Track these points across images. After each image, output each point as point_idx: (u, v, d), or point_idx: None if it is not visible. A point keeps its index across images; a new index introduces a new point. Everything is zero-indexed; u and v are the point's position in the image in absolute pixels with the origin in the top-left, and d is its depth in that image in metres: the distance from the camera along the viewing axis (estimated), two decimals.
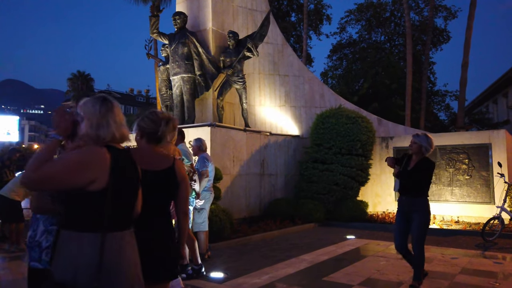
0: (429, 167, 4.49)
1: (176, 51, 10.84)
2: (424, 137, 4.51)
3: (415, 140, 4.52)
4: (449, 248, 7.50)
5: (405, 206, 4.58)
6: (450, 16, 29.91)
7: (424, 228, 4.50)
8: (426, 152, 4.50)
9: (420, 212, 4.51)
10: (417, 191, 4.51)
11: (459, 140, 10.95)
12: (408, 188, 4.56)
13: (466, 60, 19.88)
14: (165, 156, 2.53)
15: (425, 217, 4.53)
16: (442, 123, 30.97)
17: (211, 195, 6.52)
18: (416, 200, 4.53)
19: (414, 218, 4.51)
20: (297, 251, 7.10)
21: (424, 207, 4.52)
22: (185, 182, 2.54)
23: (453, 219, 10.60)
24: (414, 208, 4.52)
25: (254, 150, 10.98)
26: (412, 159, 4.61)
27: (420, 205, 4.52)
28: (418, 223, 4.48)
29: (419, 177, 4.47)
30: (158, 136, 2.50)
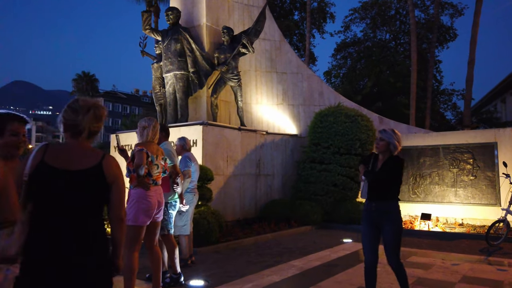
0: (398, 166, 3.88)
1: (169, 48, 10.50)
2: (391, 133, 3.93)
3: (381, 137, 3.93)
4: (450, 253, 7.07)
5: (374, 214, 3.91)
6: (457, 14, 29.28)
7: (398, 237, 3.91)
8: (394, 150, 3.89)
9: (392, 219, 3.88)
10: (386, 195, 3.89)
11: (463, 139, 10.49)
12: (376, 192, 3.92)
13: (472, 58, 19.37)
14: (92, 153, 2.13)
15: (397, 225, 3.92)
16: (448, 122, 30.38)
17: (194, 197, 6.16)
18: (386, 205, 3.89)
19: (385, 227, 3.87)
20: (288, 256, 6.71)
21: (395, 212, 3.92)
22: (118, 183, 2.14)
23: (457, 222, 10.14)
24: (385, 215, 3.88)
25: (249, 149, 10.60)
26: (379, 159, 3.99)
27: (391, 211, 3.90)
28: (391, 232, 3.86)
29: (388, 178, 3.86)
30: (79, 128, 2.11)
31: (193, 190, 6.14)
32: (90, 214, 2.06)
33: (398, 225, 3.90)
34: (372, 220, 3.94)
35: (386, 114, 19.46)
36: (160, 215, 4.41)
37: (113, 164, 2.15)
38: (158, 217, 4.38)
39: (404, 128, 12.15)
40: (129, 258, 4.14)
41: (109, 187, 2.11)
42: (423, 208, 10.57)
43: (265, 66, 12.40)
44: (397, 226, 3.89)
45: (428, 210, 10.42)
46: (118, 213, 2.16)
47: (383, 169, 3.89)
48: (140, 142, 4.48)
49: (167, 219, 4.96)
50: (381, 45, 31.62)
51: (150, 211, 4.20)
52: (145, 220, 4.16)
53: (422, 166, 10.96)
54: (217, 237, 7.39)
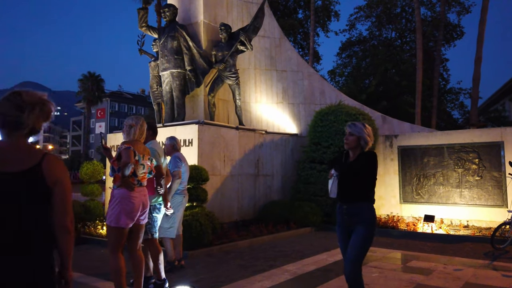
0: (371, 162, 3.43)
1: (165, 45, 10.29)
2: (361, 127, 3.52)
3: (350, 131, 3.51)
4: (454, 257, 6.75)
5: (345, 217, 3.51)
6: (464, 11, 28.81)
7: (364, 244, 3.39)
8: (365, 146, 3.50)
9: (363, 223, 3.42)
10: (358, 195, 3.45)
11: (468, 138, 10.14)
12: (346, 193, 3.50)
13: (479, 55, 18.95)
14: (30, 152, 1.87)
15: (368, 230, 3.42)
16: (455, 121, 29.90)
17: (184, 199, 5.92)
18: (358, 207, 3.46)
19: (355, 231, 3.43)
20: (282, 260, 6.44)
21: (368, 216, 3.45)
22: (62, 186, 1.87)
23: (462, 224, 9.80)
24: (356, 217, 3.45)
25: (247, 149, 10.35)
26: (350, 157, 3.57)
27: (362, 213, 3.44)
28: (358, 237, 3.38)
29: (360, 176, 3.43)
30: (22, 126, 1.86)
31: (183, 191, 5.90)
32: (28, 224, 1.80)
33: (369, 230, 3.43)
34: (344, 224, 3.55)
35: (391, 113, 19.12)
36: (144, 218, 4.18)
37: (56, 164, 1.89)
38: (142, 219, 4.15)
39: (408, 127, 11.82)
40: (114, 260, 3.94)
41: (50, 191, 1.85)
42: (427, 210, 10.24)
43: (264, 64, 12.13)
44: (367, 231, 3.42)
45: (432, 211, 10.09)
46: (62, 221, 1.89)
47: (354, 166, 3.46)
48: (127, 140, 4.26)
49: (151, 223, 4.73)
50: (387, 43, 31.23)
51: (133, 213, 3.97)
52: (128, 222, 3.94)
53: (426, 166, 10.63)
54: (210, 240, 7.14)
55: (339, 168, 3.51)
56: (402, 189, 10.93)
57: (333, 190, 3.54)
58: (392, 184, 11.10)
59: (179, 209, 5.82)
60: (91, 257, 6.68)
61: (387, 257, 6.69)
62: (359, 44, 32.28)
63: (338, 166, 3.53)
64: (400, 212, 10.81)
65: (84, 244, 7.80)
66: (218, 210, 9.25)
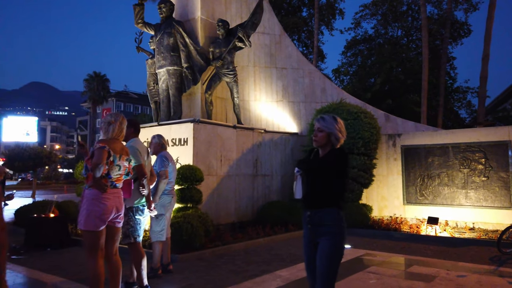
0: (340, 161, 2.92)
1: (161, 42, 10.03)
2: (332, 121, 3.02)
3: (320, 127, 3.01)
4: (457, 262, 6.41)
5: (309, 226, 2.97)
6: (471, 8, 28.24)
7: (330, 263, 2.83)
8: (336, 143, 3.01)
9: (329, 235, 2.86)
10: (323, 199, 2.91)
11: (474, 137, 9.78)
12: (310, 197, 2.96)
13: (486, 53, 18.52)
14: None
15: (334, 245, 2.85)
16: (463, 121, 29.37)
17: (172, 199, 5.65)
18: (322, 215, 2.90)
19: (320, 244, 2.90)
20: (276, 265, 6.15)
21: (335, 226, 2.88)
22: None
23: (467, 226, 9.45)
24: (320, 227, 2.91)
25: (245, 148, 10.06)
26: (320, 155, 3.06)
27: (327, 223, 2.88)
28: (323, 254, 2.84)
29: (327, 176, 2.89)
30: None
31: (171, 192, 5.63)
32: None
33: (336, 245, 2.84)
34: (308, 235, 2.99)
35: (396, 112, 18.73)
36: (119, 221, 3.91)
37: None
38: (118, 222, 3.89)
39: (412, 126, 11.46)
40: (92, 265, 3.69)
41: None
42: (431, 211, 9.90)
43: (264, 61, 11.83)
44: (334, 247, 2.83)
45: (436, 213, 9.75)
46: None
47: (322, 166, 2.94)
48: (103, 139, 4.00)
49: (133, 226, 4.47)
50: (393, 42, 30.77)
51: (105, 215, 3.71)
52: (99, 224, 3.67)
53: (430, 166, 10.27)
54: (202, 243, 6.86)
55: (304, 167, 3.01)
56: (405, 189, 10.59)
57: (297, 190, 2.99)
58: (395, 185, 10.76)
59: (167, 210, 5.56)
60: (78, 260, 6.42)
61: (387, 262, 6.37)
62: (365, 42, 31.83)
63: (304, 165, 3.02)
64: (403, 214, 10.47)
65: (75, 246, 7.57)
66: (214, 211, 8.99)
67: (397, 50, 29.00)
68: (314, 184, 2.94)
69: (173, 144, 9.03)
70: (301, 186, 2.97)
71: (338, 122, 3.06)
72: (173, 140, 9.07)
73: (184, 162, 8.58)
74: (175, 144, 9.01)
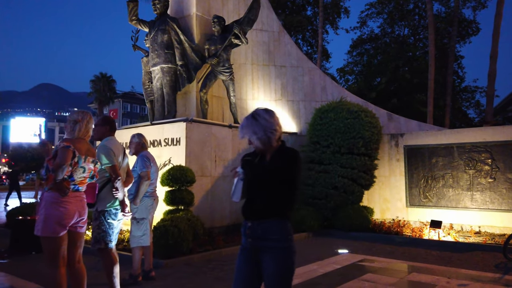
0: (290, 163, 2.40)
1: (155, 40, 9.76)
2: (251, 121, 2.45)
3: (243, 137, 2.50)
4: (460, 269, 6.01)
5: (249, 239, 2.45)
6: (480, 6, 27.66)
7: (284, 281, 2.37)
8: (275, 138, 2.44)
9: (276, 250, 2.37)
10: (267, 209, 2.41)
11: (480, 136, 9.36)
12: (252, 204, 2.47)
13: (495, 50, 18.01)
14: None
15: (284, 260, 2.37)
16: (471, 121, 28.79)
17: (154, 202, 5.34)
18: (266, 228, 2.39)
19: (264, 263, 2.38)
20: None
21: (282, 240, 2.39)
22: None
23: (473, 230, 9.03)
24: (263, 242, 2.40)
25: (242, 148, 9.74)
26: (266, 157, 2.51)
27: (272, 238, 2.38)
28: (273, 272, 2.34)
29: (275, 183, 2.38)
30: None
31: (153, 194, 5.32)
32: None
33: (286, 263, 2.37)
34: (248, 249, 2.47)
35: (402, 111, 18.30)
36: (82, 226, 3.61)
37: None
38: (80, 227, 3.59)
39: (415, 125, 11.05)
40: (53, 275, 3.39)
41: None
42: (435, 214, 9.50)
43: (262, 59, 11.50)
44: (284, 265, 2.36)
45: (440, 216, 9.34)
46: None
47: (267, 168, 2.43)
48: (68, 138, 3.70)
49: (105, 230, 4.15)
50: (400, 41, 30.28)
51: (66, 220, 3.41)
52: (58, 230, 3.38)
53: (434, 167, 9.87)
54: (190, 247, 6.54)
55: (248, 170, 2.49)
56: (408, 191, 10.19)
57: (236, 193, 2.51)
58: (397, 186, 10.37)
59: (149, 214, 5.25)
60: None
61: (385, 269, 6.00)
62: (371, 41, 31.39)
63: (248, 168, 2.50)
64: (406, 216, 10.07)
65: None
66: (208, 214, 8.69)
67: (403, 49, 28.51)
68: (258, 189, 2.43)
69: (166, 144, 8.75)
70: (241, 188, 2.50)
71: (259, 117, 2.45)
72: (166, 140, 8.78)
73: (176, 163, 8.28)
74: (167, 144, 8.72)
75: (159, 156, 8.48)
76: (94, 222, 4.15)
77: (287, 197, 2.44)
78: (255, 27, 11.09)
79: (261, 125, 2.41)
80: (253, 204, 2.46)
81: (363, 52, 31.49)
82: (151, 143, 9.00)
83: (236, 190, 2.52)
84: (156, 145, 8.92)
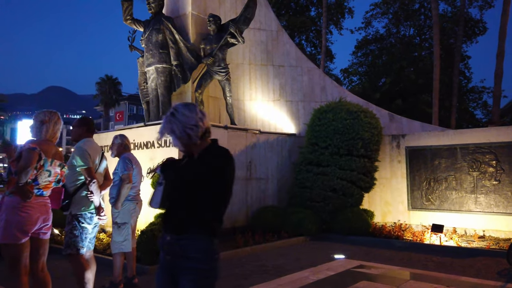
0: (216, 165, 2.08)
1: (150, 39, 9.59)
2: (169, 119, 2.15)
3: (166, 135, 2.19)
4: (460, 276, 5.71)
5: (168, 256, 2.14)
6: (486, 5, 27.22)
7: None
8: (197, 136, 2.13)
9: (194, 272, 2.04)
10: (188, 220, 2.08)
11: (484, 137, 9.03)
12: (172, 214, 2.17)
13: (501, 49, 17.65)
14: None
15: (202, 284, 2.06)
16: (478, 122, 28.29)
17: (137, 206, 5.12)
18: (188, 243, 2.06)
19: (182, 285, 2.06)
20: (255, 278, 5.56)
21: (204, 259, 2.06)
22: None
23: (477, 234, 8.69)
24: (182, 260, 2.07)
25: (238, 150, 9.50)
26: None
27: (194, 255, 2.05)
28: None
29: (195, 188, 2.07)
30: None
31: (135, 197, 5.11)
32: None
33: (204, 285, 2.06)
34: (165, 267, 2.17)
35: (407, 112, 17.98)
36: (45, 232, 3.40)
37: None
38: (43, 233, 3.38)
39: (418, 126, 10.73)
40: (15, 284, 3.18)
41: None
42: (438, 217, 9.19)
43: (260, 59, 11.27)
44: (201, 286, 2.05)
45: (443, 219, 9.03)
46: None
47: (188, 170, 2.13)
48: (35, 139, 3.50)
49: (78, 235, 3.94)
50: (405, 41, 29.89)
51: (27, 227, 3.20)
52: (19, 236, 3.17)
53: (436, 169, 9.55)
54: None
55: (169, 173, 2.19)
56: (410, 194, 9.88)
57: (154, 198, 2.21)
58: (399, 189, 10.06)
59: (131, 218, 5.03)
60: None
61: (381, 276, 5.72)
62: (376, 42, 31.02)
63: (169, 171, 2.21)
64: (408, 220, 9.76)
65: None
66: None
67: (409, 49, 28.14)
68: (179, 197, 2.11)
69: (159, 145, 8.53)
70: (160, 194, 2.20)
71: (178, 113, 2.14)
72: (159, 142, 8.56)
73: None
74: (160, 146, 8.50)
75: (153, 158, 8.27)
76: (67, 226, 3.95)
77: (213, 206, 2.09)
78: (253, 26, 10.87)
79: (179, 122, 2.11)
80: (173, 214, 2.15)
81: (368, 52, 31.15)
82: (144, 144, 8.82)
83: (154, 196, 2.21)
84: (150, 147, 8.72)
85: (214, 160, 2.09)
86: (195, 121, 2.12)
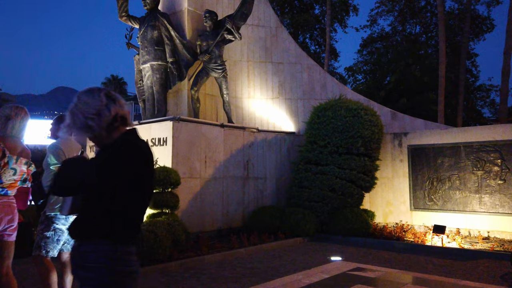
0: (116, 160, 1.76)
1: (145, 36, 9.41)
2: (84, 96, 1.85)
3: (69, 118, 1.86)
4: (461, 280, 5.44)
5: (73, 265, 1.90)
6: (494, 2, 26.69)
7: None
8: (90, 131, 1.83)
9: (90, 283, 1.75)
10: (88, 225, 1.82)
11: (489, 135, 8.73)
12: (77, 219, 1.90)
13: (509, 46, 17.29)
14: None
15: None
16: (486, 120, 27.81)
17: None
18: (84, 251, 1.79)
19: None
20: (247, 281, 5.33)
21: (102, 270, 1.76)
22: None
23: (481, 235, 8.39)
24: (79, 271, 1.79)
25: (235, 149, 9.29)
26: None
27: (91, 264, 1.76)
28: None
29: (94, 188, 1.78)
30: None
31: None
32: None
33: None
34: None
35: (412, 111, 17.62)
36: (10, 233, 3.22)
37: None
38: (7, 235, 3.19)
39: (421, 124, 10.44)
40: None
41: None
42: (441, 218, 8.91)
43: (258, 56, 11.04)
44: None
45: (447, 220, 8.75)
46: None
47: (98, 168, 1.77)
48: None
49: (49, 237, 3.74)
50: (411, 39, 29.46)
51: None
52: None
53: (439, 168, 9.26)
54: (168, 254, 6.11)
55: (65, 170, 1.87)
56: (412, 194, 9.60)
57: (65, 205, 1.97)
58: (401, 189, 9.78)
59: None
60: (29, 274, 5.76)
61: (377, 279, 5.47)
62: (382, 40, 30.61)
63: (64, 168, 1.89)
64: (410, 220, 9.48)
65: None
66: (197, 217, 8.27)
67: (415, 47, 27.72)
68: (83, 198, 1.85)
69: (153, 144, 8.35)
70: (71, 200, 1.94)
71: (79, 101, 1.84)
72: (153, 140, 8.38)
73: (163, 164, 7.87)
74: (154, 144, 8.32)
75: None
76: (39, 226, 3.76)
77: (118, 208, 1.76)
78: (251, 22, 10.66)
79: (79, 111, 1.80)
80: (76, 219, 1.88)
81: (374, 51, 30.75)
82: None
83: (66, 203, 1.95)
84: None
85: (114, 153, 1.76)
86: (96, 109, 1.80)
